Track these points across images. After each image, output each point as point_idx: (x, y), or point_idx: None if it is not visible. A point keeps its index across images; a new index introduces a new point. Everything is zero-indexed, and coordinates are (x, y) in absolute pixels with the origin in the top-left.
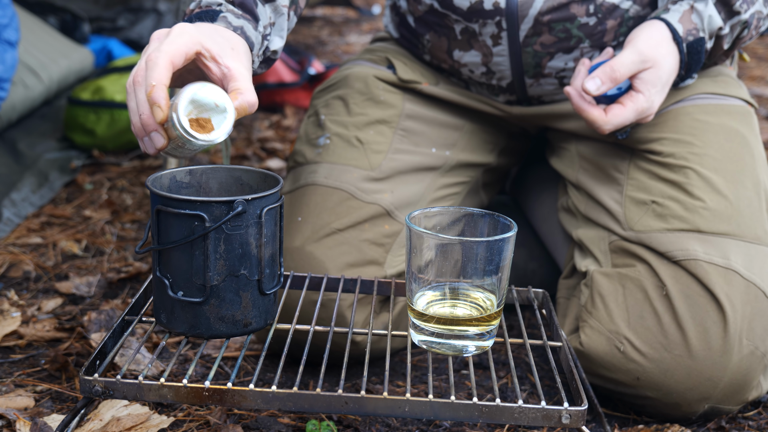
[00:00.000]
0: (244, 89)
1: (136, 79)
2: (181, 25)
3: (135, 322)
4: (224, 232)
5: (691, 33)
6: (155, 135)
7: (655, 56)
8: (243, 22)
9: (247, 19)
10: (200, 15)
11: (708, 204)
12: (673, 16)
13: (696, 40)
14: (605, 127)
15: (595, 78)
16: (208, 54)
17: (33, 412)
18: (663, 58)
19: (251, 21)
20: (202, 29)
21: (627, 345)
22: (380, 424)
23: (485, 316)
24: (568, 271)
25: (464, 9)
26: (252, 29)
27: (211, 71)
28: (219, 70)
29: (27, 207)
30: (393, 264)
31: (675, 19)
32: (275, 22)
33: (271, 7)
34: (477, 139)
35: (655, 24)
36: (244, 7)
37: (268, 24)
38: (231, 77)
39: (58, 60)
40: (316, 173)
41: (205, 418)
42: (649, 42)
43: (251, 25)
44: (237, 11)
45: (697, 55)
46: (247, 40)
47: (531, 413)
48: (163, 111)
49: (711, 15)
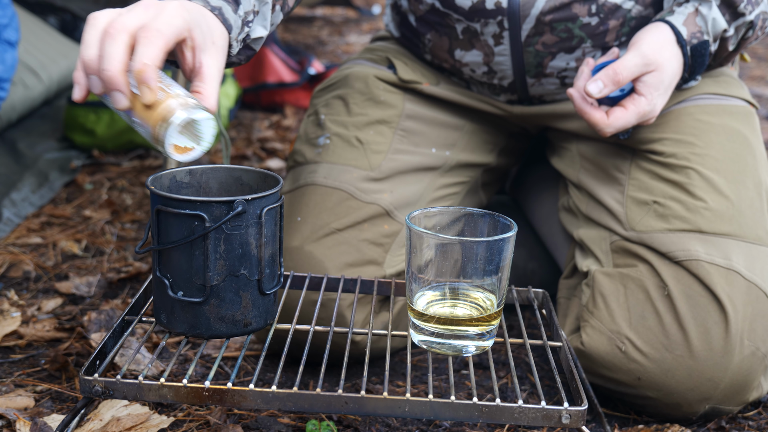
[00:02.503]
0: (206, 94)
1: (110, 28)
2: (176, 3)
3: (135, 322)
4: (224, 232)
5: (695, 36)
6: (119, 95)
7: (658, 59)
8: (221, 2)
9: (227, 1)
10: None
11: (709, 204)
12: (678, 18)
13: (700, 43)
14: (607, 130)
15: (597, 81)
16: (190, 43)
17: (33, 412)
18: (666, 61)
19: (231, 3)
20: (193, 13)
21: (628, 345)
22: (380, 424)
23: (485, 316)
24: (569, 271)
25: (466, 8)
26: (231, 12)
27: (185, 60)
28: (192, 63)
29: (27, 207)
30: (392, 264)
31: (679, 22)
32: (259, 11)
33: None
34: (477, 139)
35: (660, 26)
36: None
37: (251, 11)
38: (200, 75)
39: (58, 60)
40: (316, 173)
41: (205, 418)
42: (652, 45)
43: (231, 8)
44: None
45: (701, 58)
46: (224, 23)
47: (531, 413)
48: (153, 94)
49: (715, 18)
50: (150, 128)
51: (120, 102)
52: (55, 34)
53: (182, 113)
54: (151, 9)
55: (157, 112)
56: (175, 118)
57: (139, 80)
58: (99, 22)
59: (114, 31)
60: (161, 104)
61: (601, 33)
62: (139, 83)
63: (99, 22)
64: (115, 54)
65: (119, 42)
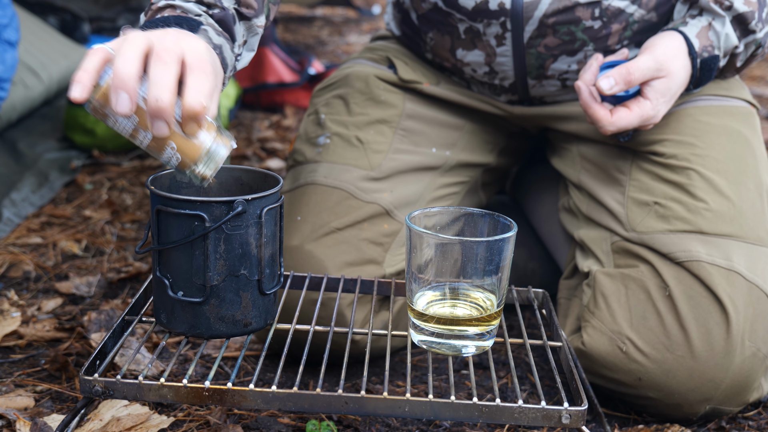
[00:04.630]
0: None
1: (162, 51)
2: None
3: (135, 322)
4: (224, 232)
5: (707, 49)
6: (161, 125)
7: (669, 67)
8: (222, 40)
9: (226, 38)
10: (179, 20)
11: (710, 205)
12: (691, 30)
13: (710, 58)
14: (608, 128)
15: (609, 77)
16: None
17: (33, 412)
18: (677, 70)
19: (229, 41)
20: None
21: (629, 345)
22: (380, 424)
23: (485, 316)
24: (569, 272)
25: (469, 8)
26: (229, 50)
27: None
28: None
29: (27, 207)
30: (392, 263)
31: (693, 34)
32: (247, 41)
33: (245, 25)
34: (477, 139)
35: (673, 35)
36: (223, 24)
37: (242, 43)
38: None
39: (58, 60)
40: (316, 172)
41: (205, 418)
42: (667, 52)
43: (228, 45)
44: (217, 27)
45: (709, 72)
46: (222, 62)
47: (531, 413)
48: (198, 129)
49: (728, 34)
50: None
51: (161, 131)
52: (55, 34)
53: (222, 150)
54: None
55: (199, 147)
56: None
57: (192, 118)
58: (138, 41)
59: (165, 56)
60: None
61: (604, 36)
62: (189, 119)
63: (138, 41)
64: (169, 83)
65: (172, 70)
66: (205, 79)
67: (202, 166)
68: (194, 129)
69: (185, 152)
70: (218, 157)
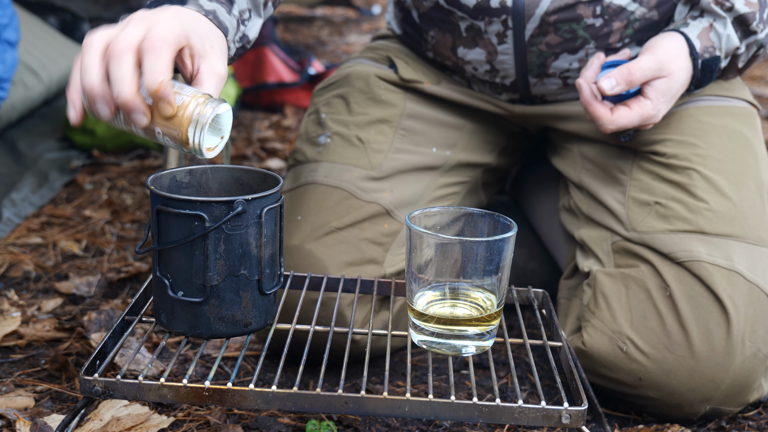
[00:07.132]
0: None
1: (113, 49)
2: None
3: (135, 322)
4: (224, 232)
5: (708, 50)
6: (138, 115)
7: (671, 67)
8: (215, 5)
9: (221, 3)
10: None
11: (711, 205)
12: (693, 31)
13: (711, 59)
14: (608, 127)
15: (611, 78)
16: (188, 51)
17: (33, 412)
18: (679, 71)
19: (225, 4)
20: (187, 20)
21: (630, 345)
22: (380, 424)
23: (485, 316)
24: (570, 272)
25: (470, 6)
26: (225, 13)
27: (185, 68)
28: (192, 69)
29: (27, 207)
30: (392, 263)
31: (694, 35)
32: (251, 8)
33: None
34: (477, 139)
35: (675, 36)
36: None
37: (246, 9)
38: (201, 81)
39: (58, 60)
40: (316, 172)
41: (205, 418)
42: (668, 52)
43: (224, 9)
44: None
45: (710, 73)
46: (219, 26)
47: (531, 413)
48: (173, 106)
49: (729, 35)
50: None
51: (141, 121)
52: (55, 34)
53: (208, 110)
54: (147, 21)
55: (182, 120)
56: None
57: (157, 97)
58: (96, 44)
59: (117, 51)
60: (183, 110)
61: (605, 34)
62: (157, 100)
63: (96, 44)
64: (125, 76)
65: (126, 62)
66: (157, 55)
67: (196, 137)
68: (167, 107)
69: (171, 131)
70: (204, 119)
